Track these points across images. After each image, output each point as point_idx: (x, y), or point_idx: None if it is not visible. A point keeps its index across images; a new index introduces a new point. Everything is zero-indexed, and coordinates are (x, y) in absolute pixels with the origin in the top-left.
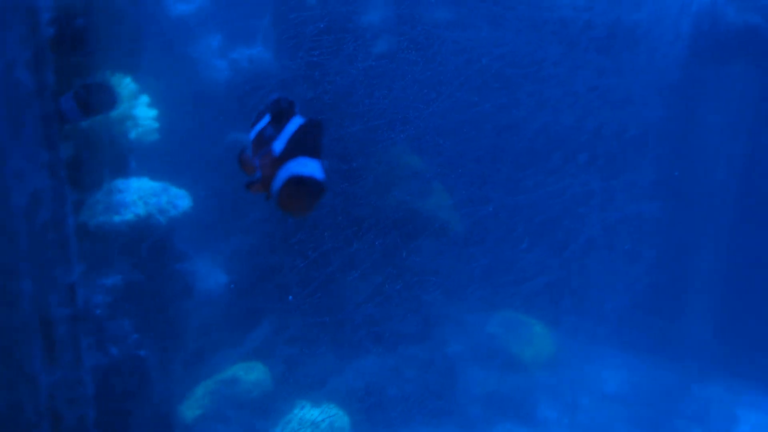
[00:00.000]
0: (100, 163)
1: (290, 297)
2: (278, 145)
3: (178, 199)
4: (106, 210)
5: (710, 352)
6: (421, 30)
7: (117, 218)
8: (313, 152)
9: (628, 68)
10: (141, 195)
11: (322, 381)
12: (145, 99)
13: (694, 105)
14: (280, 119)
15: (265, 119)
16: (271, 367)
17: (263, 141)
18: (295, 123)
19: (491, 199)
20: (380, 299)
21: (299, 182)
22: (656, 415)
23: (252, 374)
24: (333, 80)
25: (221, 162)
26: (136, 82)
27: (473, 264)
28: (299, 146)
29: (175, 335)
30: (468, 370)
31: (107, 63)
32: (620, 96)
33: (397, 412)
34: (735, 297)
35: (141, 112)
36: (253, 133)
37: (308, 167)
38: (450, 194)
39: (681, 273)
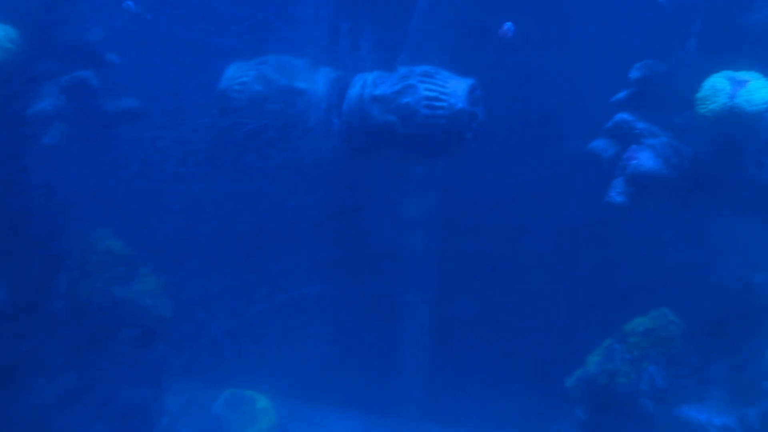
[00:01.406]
0: None
1: None
2: None
3: None
4: None
5: (423, 403)
6: None
7: None
8: None
9: (273, 165)
10: None
11: None
12: None
13: (348, 190)
14: None
15: None
16: None
17: None
18: None
19: None
20: (71, 401)
21: None
22: None
23: None
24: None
25: None
26: None
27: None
28: None
29: None
30: None
31: None
32: (265, 192)
33: None
34: (440, 354)
35: None
36: None
37: None
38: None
39: (379, 338)
